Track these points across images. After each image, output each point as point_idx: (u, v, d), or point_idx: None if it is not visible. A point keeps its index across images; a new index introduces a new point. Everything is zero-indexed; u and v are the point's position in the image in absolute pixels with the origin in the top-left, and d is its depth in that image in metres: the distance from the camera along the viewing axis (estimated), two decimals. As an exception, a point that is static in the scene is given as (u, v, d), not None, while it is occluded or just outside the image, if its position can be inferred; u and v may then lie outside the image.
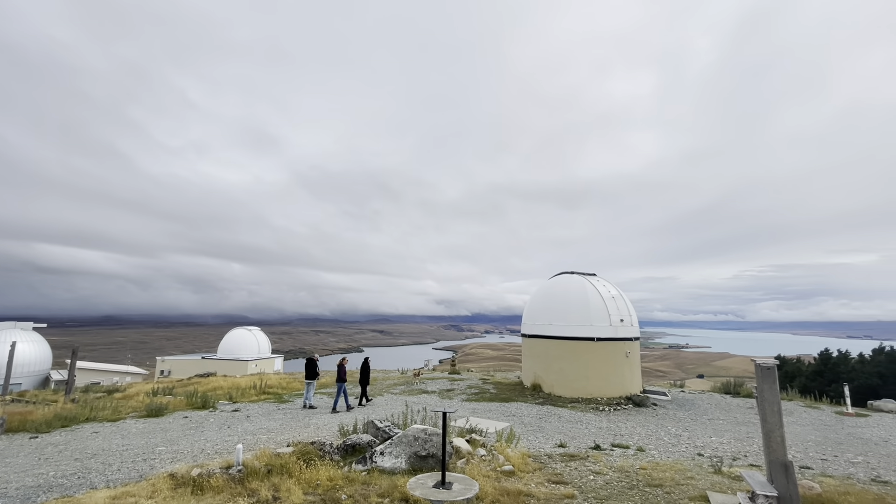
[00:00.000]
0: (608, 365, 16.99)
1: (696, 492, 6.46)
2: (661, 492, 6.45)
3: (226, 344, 39.14)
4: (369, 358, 17.10)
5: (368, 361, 16.88)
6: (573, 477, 7.13)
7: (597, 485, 6.74)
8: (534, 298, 20.51)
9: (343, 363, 16.19)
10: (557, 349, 17.72)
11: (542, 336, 18.47)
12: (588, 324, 17.35)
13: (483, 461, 7.56)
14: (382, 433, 8.47)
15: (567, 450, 9.50)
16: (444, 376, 24.56)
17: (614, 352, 17.10)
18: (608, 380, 16.79)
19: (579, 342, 17.31)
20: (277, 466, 6.86)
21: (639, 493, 6.37)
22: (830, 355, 32.75)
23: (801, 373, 32.44)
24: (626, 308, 17.99)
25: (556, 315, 18.10)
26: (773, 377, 5.68)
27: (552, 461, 8.14)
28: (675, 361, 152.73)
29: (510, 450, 8.31)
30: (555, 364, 17.60)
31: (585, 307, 17.55)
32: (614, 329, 17.19)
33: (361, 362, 16.79)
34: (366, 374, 16.33)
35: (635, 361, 17.76)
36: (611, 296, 17.92)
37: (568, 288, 18.74)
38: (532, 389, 18.10)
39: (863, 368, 28.06)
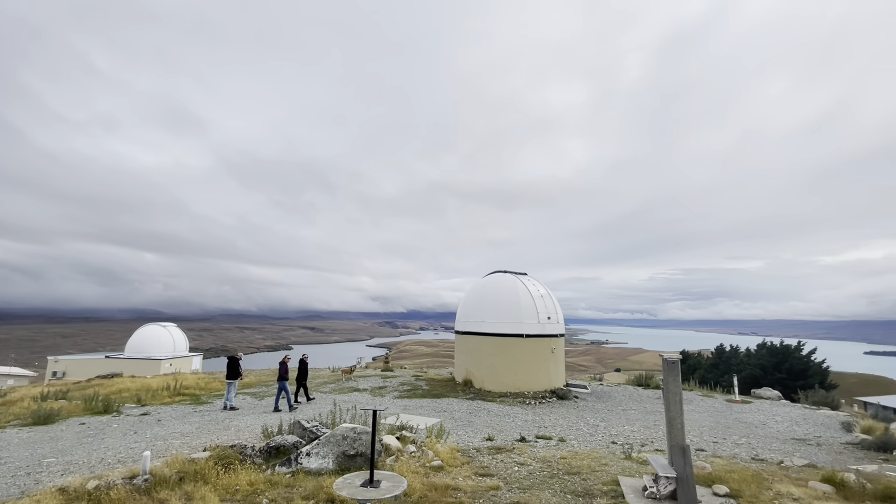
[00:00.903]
0: (535, 360, 17.82)
1: (609, 477, 6.98)
2: (579, 479, 6.89)
3: (135, 341, 35.51)
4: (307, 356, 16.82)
5: (306, 359, 16.57)
6: (499, 469, 7.39)
7: (520, 475, 7.05)
8: (468, 296, 20.93)
9: (285, 361, 15.46)
10: (489, 345, 18.25)
11: (474, 333, 18.92)
12: (518, 321, 18.05)
13: (413, 457, 7.59)
14: (309, 433, 8.20)
15: (494, 443, 9.83)
16: (376, 374, 24.29)
17: (541, 348, 17.97)
18: (535, 375, 17.61)
19: (509, 339, 17.97)
20: (191, 473, 6.38)
21: (558, 481, 6.75)
22: (724, 350, 36.97)
23: (700, 366, 36.31)
24: (553, 306, 18.96)
25: (489, 312, 18.63)
26: (676, 370, 6.29)
27: (480, 454, 8.38)
28: (596, 356, 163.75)
29: (440, 445, 8.42)
30: (486, 360, 18.11)
31: (516, 305, 18.25)
32: (542, 326, 18.06)
33: (299, 360, 16.40)
34: (304, 373, 16.01)
35: (560, 357, 18.78)
36: (540, 294, 18.79)
37: (501, 286, 19.36)
38: (464, 385, 18.48)
39: (748, 361, 31.99)
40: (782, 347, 30.65)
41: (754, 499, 5.82)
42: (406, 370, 28.55)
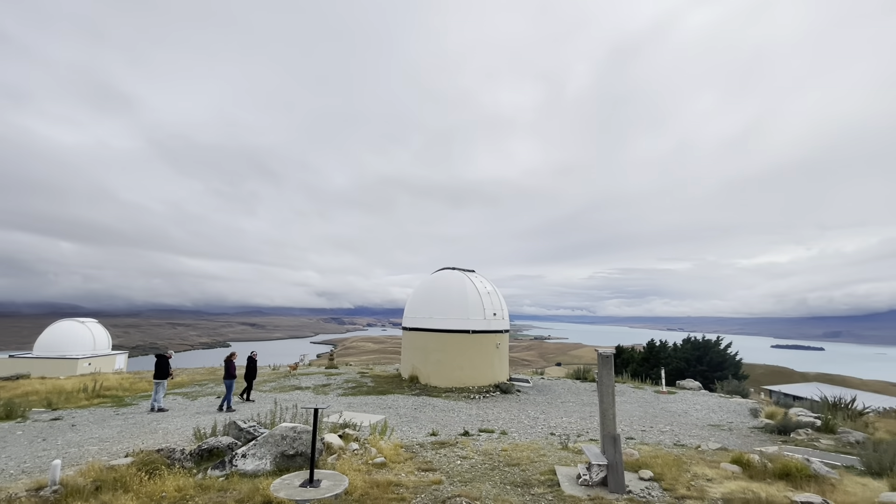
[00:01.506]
0: (480, 355, 18.19)
1: (547, 467, 7.29)
2: (518, 470, 7.13)
3: (47, 339, 31.95)
4: (256, 353, 16.19)
5: (255, 357, 15.99)
6: (442, 463, 7.48)
7: (462, 469, 7.17)
8: (416, 292, 20.93)
9: (231, 358, 14.60)
10: (436, 341, 18.37)
11: (422, 329, 18.96)
12: (465, 317, 18.32)
13: (355, 455, 7.50)
14: (246, 434, 7.84)
15: (439, 438, 9.93)
16: (320, 371, 23.67)
17: (486, 343, 18.37)
18: (480, 370, 17.98)
19: (456, 334, 18.20)
20: (109, 482, 5.89)
21: (499, 473, 6.95)
22: (654, 345, 39.68)
23: (633, 359, 38.75)
24: (499, 303, 19.43)
25: (437, 309, 18.75)
26: (610, 364, 6.67)
27: (424, 450, 8.43)
28: (538, 351, 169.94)
29: (383, 442, 8.38)
30: (433, 356, 18.23)
31: (464, 301, 18.52)
32: (487, 322, 18.47)
33: (248, 358, 15.75)
34: (252, 370, 15.45)
35: (504, 352, 19.31)
36: (486, 291, 19.18)
37: (449, 283, 19.54)
38: (410, 381, 18.49)
39: (675, 355, 34.56)
40: (704, 342, 33.42)
41: (674, 481, 6.32)
42: (352, 367, 28.06)
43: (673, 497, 5.76)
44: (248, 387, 15.39)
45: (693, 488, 6.03)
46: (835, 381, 58.60)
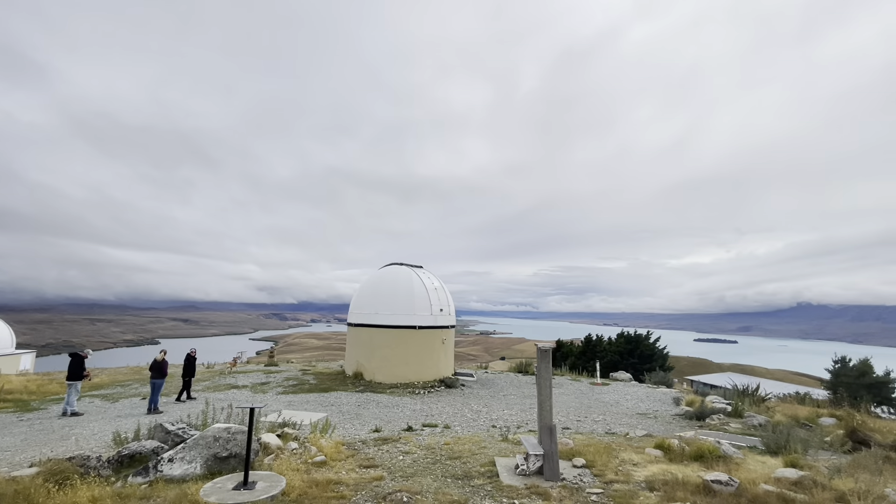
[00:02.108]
0: (426, 351, 18.28)
1: (487, 459, 7.49)
2: (459, 463, 7.27)
3: (-67, 337, 28.11)
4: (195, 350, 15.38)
5: (194, 354, 15.16)
6: (384, 459, 7.45)
7: (405, 464, 7.20)
8: (363, 287, 20.61)
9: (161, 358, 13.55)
10: (382, 337, 18.22)
11: (368, 325, 18.73)
12: (412, 313, 18.32)
13: (294, 455, 7.28)
14: (174, 437, 7.36)
15: (382, 434, 9.88)
16: (259, 369, 22.69)
17: (433, 339, 18.49)
18: (425, 365, 18.08)
19: (403, 330, 18.15)
20: (9, 495, 5.30)
21: (440, 467, 7.04)
22: (591, 339, 41.85)
23: (572, 353, 40.67)
24: (445, 299, 19.61)
25: (384, 304, 18.59)
26: (548, 358, 6.97)
27: (366, 446, 8.35)
28: (484, 346, 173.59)
29: (324, 440, 8.20)
30: (378, 352, 18.07)
31: (410, 297, 18.50)
32: (434, 318, 18.59)
33: (186, 355, 14.92)
34: (190, 368, 14.67)
35: (450, 347, 19.54)
36: (434, 287, 19.29)
37: (396, 278, 19.43)
38: (354, 378, 18.22)
39: (610, 348, 36.68)
40: (635, 336, 35.74)
41: (604, 467, 6.73)
42: (293, 364, 27.13)
43: (602, 482, 6.13)
44: (186, 386, 14.63)
45: (620, 473, 6.45)
46: (746, 370, 64.98)
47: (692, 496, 5.22)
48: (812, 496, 4.98)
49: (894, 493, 4.89)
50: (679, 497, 5.23)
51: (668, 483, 5.71)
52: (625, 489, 5.69)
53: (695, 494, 5.25)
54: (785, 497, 4.95)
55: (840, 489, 5.10)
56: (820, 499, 4.90)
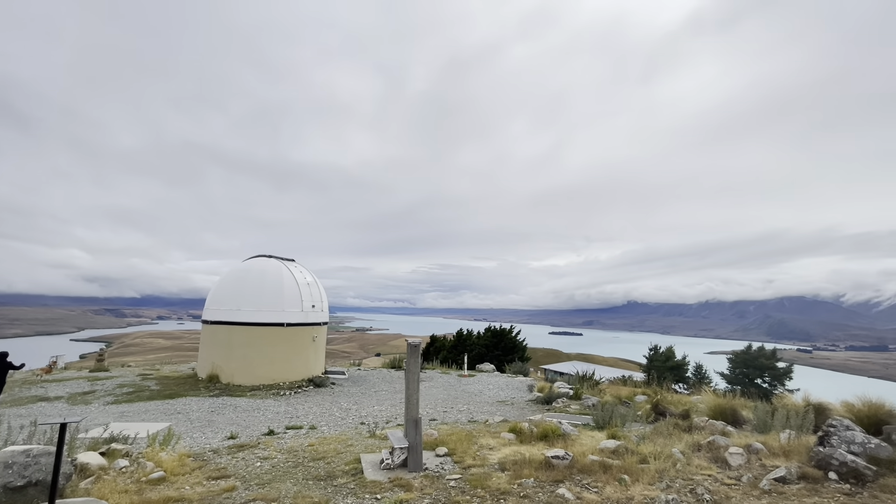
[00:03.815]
0: (295, 349, 17.29)
1: (353, 457, 7.40)
2: (323, 463, 7.05)
3: None
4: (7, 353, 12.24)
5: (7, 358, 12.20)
6: (238, 468, 6.85)
7: (262, 470, 6.72)
8: (223, 281, 18.63)
9: None
10: (243, 335, 16.69)
11: (227, 322, 16.97)
12: (280, 309, 17.14)
13: (123, 474, 6.25)
14: (-59, 469, 5.70)
15: (238, 441, 9.07)
16: (82, 376, 18.89)
17: (302, 336, 17.57)
18: (293, 364, 17.09)
19: (269, 328, 16.88)
20: None
21: (302, 470, 6.74)
22: (462, 333, 44.26)
23: (444, 347, 42.52)
24: (318, 294, 18.79)
25: (247, 300, 17.03)
26: (417, 353, 7.17)
27: (218, 456, 7.58)
28: (359, 343, 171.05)
29: (165, 453, 7.20)
30: (239, 351, 16.50)
31: (279, 292, 17.29)
32: (305, 314, 17.67)
33: None
34: None
35: (321, 345, 18.80)
36: (306, 282, 18.33)
37: (264, 272, 17.97)
38: (208, 381, 16.35)
39: (478, 342, 39.26)
40: (500, 330, 38.88)
41: (464, 453, 7.18)
42: (130, 368, 23.18)
43: (461, 468, 6.54)
44: None
45: (478, 458, 6.96)
46: (588, 359, 75.40)
47: (536, 472, 5.88)
48: (624, 460, 6.03)
49: (678, 452, 6.20)
50: (525, 474, 5.85)
51: (518, 463, 6.34)
52: (480, 472, 6.15)
53: (538, 470, 5.93)
54: (605, 464, 5.90)
55: (643, 453, 6.27)
56: (629, 462, 5.95)
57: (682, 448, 6.51)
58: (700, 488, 4.97)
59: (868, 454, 5.00)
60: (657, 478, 5.45)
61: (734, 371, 29.89)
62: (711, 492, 4.90)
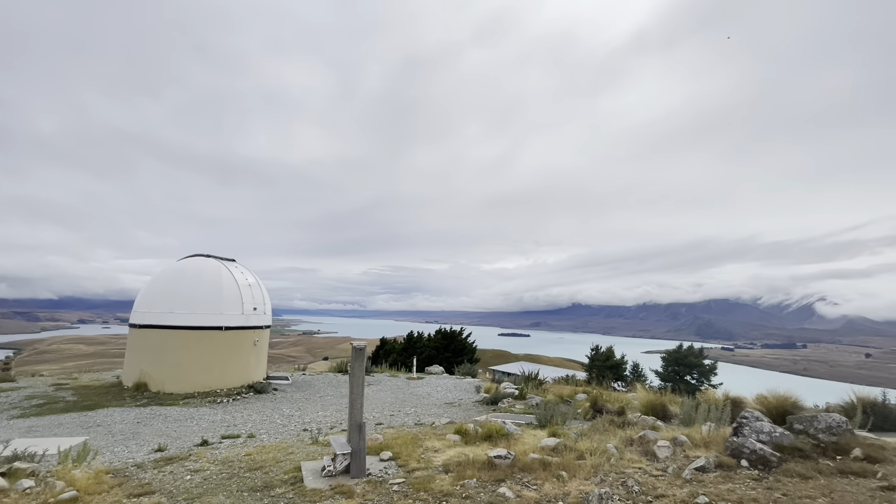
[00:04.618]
0: (234, 354, 16.41)
1: (293, 465, 7.13)
2: (260, 473, 6.73)
3: None
4: None
5: None
6: (165, 483, 6.39)
7: (192, 484, 6.30)
8: (155, 282, 17.34)
9: None
10: (177, 340, 15.61)
11: (158, 326, 15.79)
12: (218, 312, 16.21)
13: (27, 495, 5.63)
14: None
15: (166, 453, 8.45)
16: (-18, 387, 16.82)
17: (243, 340, 16.72)
18: (232, 370, 16.20)
19: (205, 332, 15.90)
20: None
21: (237, 481, 6.40)
22: (413, 336, 44.12)
23: (395, 350, 42.16)
24: (261, 296, 17.97)
25: (182, 302, 15.95)
26: (362, 356, 7.03)
27: (142, 471, 7.02)
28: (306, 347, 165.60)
29: (79, 470, 6.57)
30: (171, 357, 15.39)
31: (218, 294, 16.34)
32: (246, 317, 16.83)
33: None
34: None
35: (263, 349, 17.98)
36: (248, 283, 17.47)
37: (200, 272, 16.91)
38: (135, 390, 15.12)
39: (429, 344, 39.28)
40: (451, 332, 39.14)
41: (408, 457, 7.13)
42: (43, 378, 20.93)
43: (405, 471, 6.49)
44: None
45: (422, 461, 6.93)
46: (535, 359, 77.67)
47: (479, 472, 5.95)
48: (562, 457, 6.25)
49: (612, 447, 6.52)
50: (468, 475, 5.90)
51: (461, 464, 6.39)
52: (424, 475, 6.13)
53: (481, 470, 6.01)
54: (545, 461, 6.09)
55: (581, 449, 6.54)
56: (567, 459, 6.18)
57: (616, 443, 6.85)
58: (630, 481, 5.25)
59: (774, 442, 5.52)
60: (592, 473, 5.69)
61: (667, 369, 32.00)
62: (640, 483, 5.19)
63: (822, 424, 5.67)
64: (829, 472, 5.07)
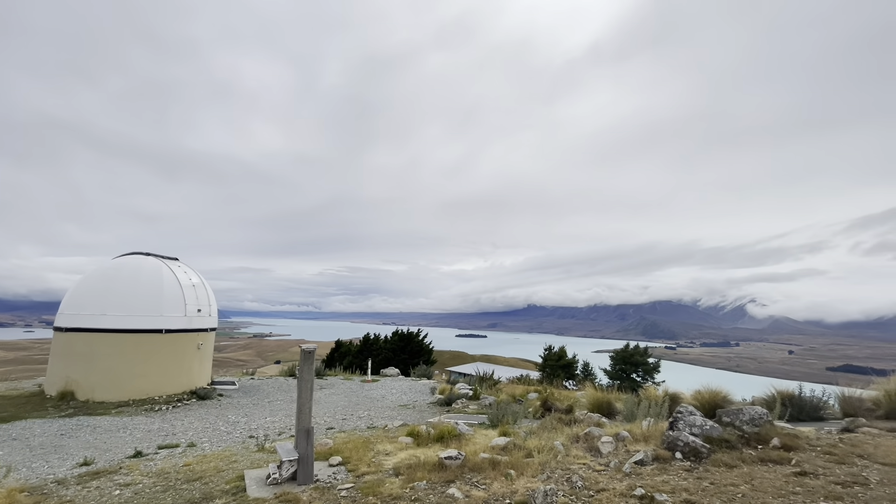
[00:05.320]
0: (175, 359, 15.45)
1: (236, 474, 6.81)
2: (199, 484, 6.38)
3: None
4: None
5: None
6: (89, 499, 5.91)
7: (121, 499, 5.87)
8: (85, 281, 16.03)
9: None
10: (110, 344, 14.50)
11: (88, 329, 14.60)
12: (158, 314, 15.21)
13: (-78, 521, 5.03)
14: None
15: (93, 467, 7.82)
16: None
17: (185, 344, 15.78)
18: (172, 375, 15.24)
19: (143, 335, 14.88)
20: None
21: (172, 494, 6.03)
22: (369, 338, 43.50)
23: (350, 352, 41.38)
24: (206, 297, 17.06)
25: (116, 303, 14.83)
26: (311, 359, 6.84)
27: (63, 487, 6.46)
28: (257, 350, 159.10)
29: (-13, 490, 5.95)
30: (103, 363, 14.26)
31: (158, 295, 15.34)
32: (189, 320, 15.90)
33: None
34: None
35: (208, 353, 17.07)
36: (192, 284, 16.52)
37: (139, 271, 15.80)
38: (59, 399, 13.88)
39: (385, 346, 38.88)
40: (408, 334, 38.93)
41: (359, 461, 7.01)
42: (-51, 388, 18.77)
43: (355, 476, 6.37)
44: None
45: (373, 464, 6.84)
46: (491, 360, 78.81)
47: (429, 474, 5.94)
48: (512, 456, 6.37)
49: (560, 445, 6.72)
50: (419, 477, 5.88)
51: (412, 466, 6.35)
52: (374, 479, 6.05)
53: (431, 472, 6.00)
54: (494, 461, 6.18)
55: (530, 447, 6.69)
56: (516, 457, 6.30)
57: (563, 440, 7.07)
58: (575, 476, 5.43)
59: (705, 434, 5.90)
60: (540, 470, 5.84)
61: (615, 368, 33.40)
62: (584, 479, 5.38)
63: (746, 416, 6.13)
64: (752, 460, 5.49)
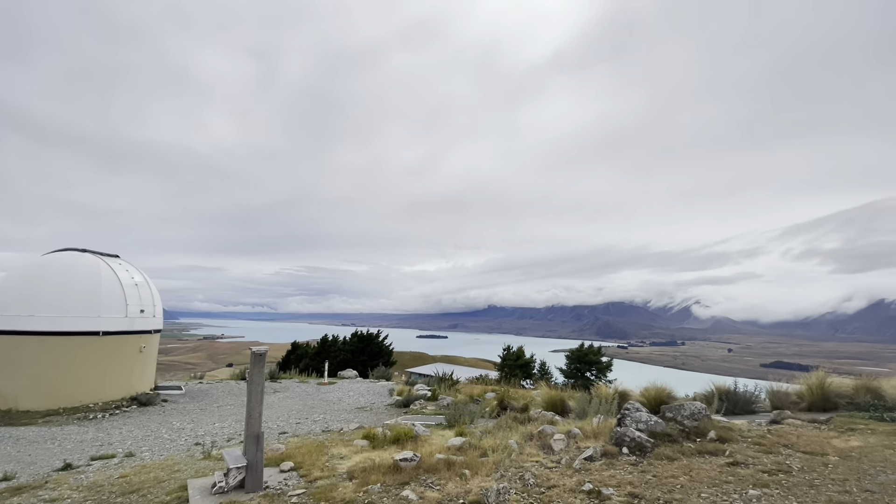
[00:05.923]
0: (115, 363, 14.45)
1: (179, 484, 6.46)
2: (137, 497, 6.00)
3: None
4: None
5: None
6: (8, 518, 5.41)
7: (46, 516, 5.42)
8: (10, 279, 14.69)
9: None
10: (37, 348, 13.36)
11: (12, 332, 13.38)
12: (95, 315, 14.18)
13: None
14: None
15: (14, 482, 7.16)
16: None
17: (126, 347, 14.80)
18: (110, 380, 14.24)
19: (77, 338, 13.82)
20: None
21: (106, 508, 5.63)
22: (327, 339, 42.53)
23: (307, 354, 40.26)
24: (150, 297, 16.08)
25: (46, 303, 13.68)
26: (261, 362, 6.58)
27: (-23, 506, 5.88)
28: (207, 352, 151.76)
29: None
30: (28, 368, 13.12)
31: (95, 295, 14.29)
32: (130, 321, 14.93)
33: None
34: None
35: (151, 356, 16.09)
36: (134, 283, 15.51)
37: (72, 269, 14.66)
38: (-23, 409, 12.64)
39: (344, 348, 38.14)
40: (367, 335, 38.36)
41: (312, 466, 6.83)
42: None
43: (307, 481, 6.19)
44: None
45: (326, 469, 6.67)
46: (452, 360, 79.17)
47: (384, 477, 5.87)
48: (467, 456, 6.41)
49: (514, 443, 6.84)
50: (373, 480, 5.80)
51: (366, 469, 6.26)
52: (327, 484, 5.91)
53: (386, 475, 5.93)
54: (449, 461, 6.20)
55: (485, 446, 6.76)
56: (471, 457, 6.35)
57: (517, 439, 7.20)
58: (528, 474, 5.54)
59: (649, 430, 6.20)
60: (494, 469, 5.91)
61: (570, 367, 34.45)
62: (536, 476, 5.50)
63: (686, 411, 6.49)
64: (691, 453, 5.82)
